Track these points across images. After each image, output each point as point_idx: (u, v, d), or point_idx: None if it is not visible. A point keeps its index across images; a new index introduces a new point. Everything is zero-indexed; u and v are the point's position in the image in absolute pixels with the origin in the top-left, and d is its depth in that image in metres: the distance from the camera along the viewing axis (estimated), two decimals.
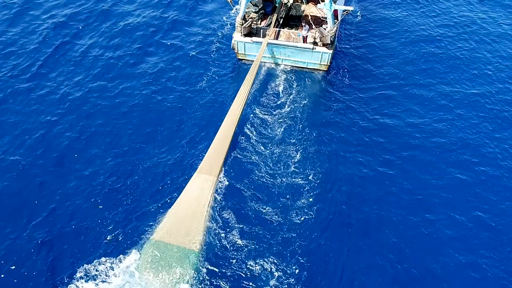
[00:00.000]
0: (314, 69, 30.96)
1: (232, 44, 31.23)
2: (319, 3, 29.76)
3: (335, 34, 30.47)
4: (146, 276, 19.84)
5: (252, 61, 29.75)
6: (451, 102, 28.86)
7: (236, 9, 32.09)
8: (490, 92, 29.56)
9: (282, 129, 26.62)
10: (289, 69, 31.02)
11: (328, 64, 30.50)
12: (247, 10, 31.35)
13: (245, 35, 30.66)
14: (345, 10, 29.79)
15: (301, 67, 31.04)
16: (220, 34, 33.99)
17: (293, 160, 24.83)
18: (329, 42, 29.72)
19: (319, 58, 30.29)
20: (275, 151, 25.29)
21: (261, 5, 32.29)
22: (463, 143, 26.25)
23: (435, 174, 24.53)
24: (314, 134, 26.49)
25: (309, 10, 33.05)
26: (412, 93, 29.57)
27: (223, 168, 24.12)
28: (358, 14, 35.70)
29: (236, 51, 31.45)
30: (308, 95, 29.10)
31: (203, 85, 29.72)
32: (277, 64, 31.26)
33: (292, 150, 25.39)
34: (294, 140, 25.98)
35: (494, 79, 30.56)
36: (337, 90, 29.69)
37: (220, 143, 24.67)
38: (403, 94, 29.40)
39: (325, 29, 30.04)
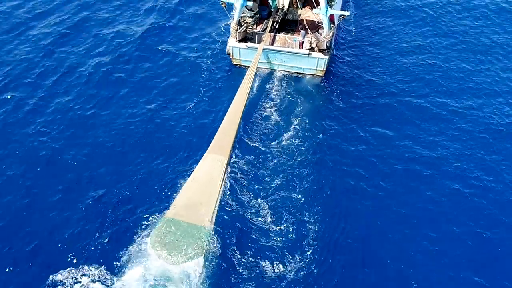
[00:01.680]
0: (311, 74, 30.50)
1: (226, 50, 30.77)
2: (315, 8, 29.28)
3: (332, 39, 29.99)
4: (159, 252, 20.47)
5: (248, 66, 29.29)
6: (448, 113, 28.16)
7: (231, 14, 31.56)
8: (489, 103, 28.86)
9: (278, 140, 26.18)
10: (285, 74, 30.52)
11: (325, 69, 30.02)
12: (242, 15, 30.85)
13: (240, 41, 30.18)
14: (341, 15, 29.36)
15: (297, 73, 30.58)
16: (215, 39, 33.47)
17: (291, 176, 24.39)
18: (325, 48, 29.24)
19: (315, 64, 29.82)
20: (270, 165, 24.82)
21: (257, 10, 31.78)
22: (460, 155, 25.65)
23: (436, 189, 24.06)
24: (311, 148, 25.89)
25: (306, 14, 32.55)
26: (409, 101, 29.01)
27: (233, 148, 24.75)
28: (352, 29, 34.76)
29: (231, 57, 30.99)
30: (304, 103, 28.52)
31: (198, 91, 29.27)
32: (273, 70, 30.79)
33: (288, 165, 24.85)
34: (289, 153, 25.49)
35: (492, 90, 29.79)
36: (333, 97, 29.13)
37: (229, 124, 25.29)
38: (399, 102, 28.84)
39: (321, 34, 29.57)
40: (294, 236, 21.51)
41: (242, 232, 21.67)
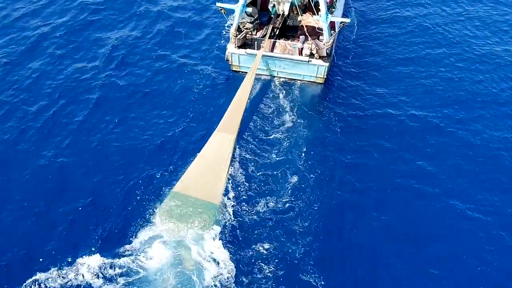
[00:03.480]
0: (311, 81, 30.09)
1: (226, 56, 30.40)
2: (316, 14, 28.92)
3: (332, 46, 29.58)
4: (167, 225, 21.27)
5: (247, 73, 28.87)
6: (455, 124, 27.54)
7: (230, 20, 31.24)
8: (493, 114, 28.23)
9: (276, 149, 25.73)
10: (284, 81, 30.10)
11: (325, 77, 29.60)
12: (242, 20, 30.48)
13: (240, 47, 29.83)
14: (342, 22, 28.98)
15: (297, 80, 30.16)
16: (214, 45, 33.09)
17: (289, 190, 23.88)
18: (325, 55, 28.84)
19: (315, 71, 29.40)
20: (270, 174, 24.39)
21: (257, 15, 31.42)
22: (462, 173, 24.90)
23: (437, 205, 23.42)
24: (311, 158, 25.37)
25: (306, 20, 32.15)
26: (412, 106, 28.68)
27: (240, 127, 25.78)
28: (354, 38, 34.04)
29: (230, 63, 30.63)
30: (304, 112, 27.96)
31: (196, 97, 28.96)
32: (272, 76, 30.40)
33: (287, 177, 24.30)
34: (288, 164, 24.99)
35: (497, 101, 29.10)
36: (334, 105, 28.60)
37: (237, 106, 26.35)
38: (402, 111, 28.39)
39: (321, 41, 29.16)
40: None
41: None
